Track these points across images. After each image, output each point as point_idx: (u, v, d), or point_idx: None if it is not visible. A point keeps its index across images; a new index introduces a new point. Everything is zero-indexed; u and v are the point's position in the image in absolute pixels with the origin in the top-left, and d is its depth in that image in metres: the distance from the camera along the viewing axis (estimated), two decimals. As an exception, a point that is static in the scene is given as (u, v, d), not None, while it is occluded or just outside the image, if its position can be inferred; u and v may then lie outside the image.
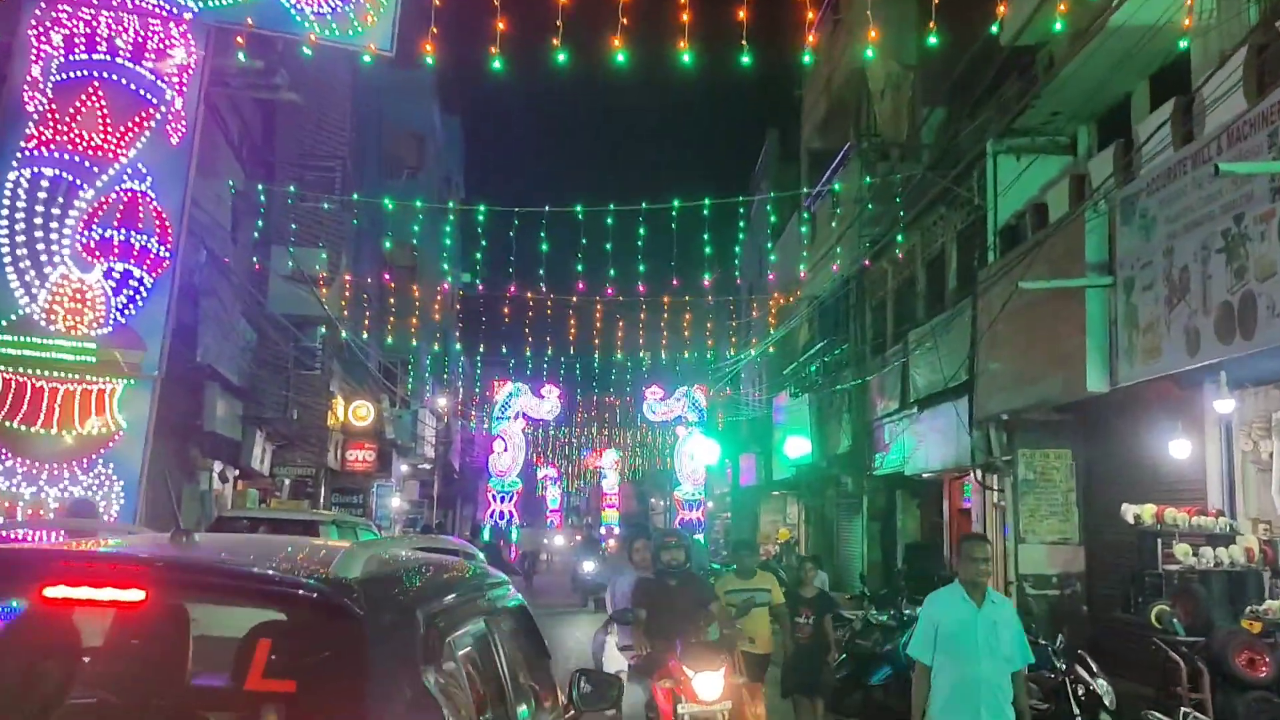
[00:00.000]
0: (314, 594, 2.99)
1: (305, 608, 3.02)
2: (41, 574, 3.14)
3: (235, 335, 19.63)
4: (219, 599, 3.39)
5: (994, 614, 6.20)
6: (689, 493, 42.26)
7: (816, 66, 27.57)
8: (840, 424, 23.15)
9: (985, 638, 6.11)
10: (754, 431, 34.76)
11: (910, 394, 18.46)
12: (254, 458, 20.72)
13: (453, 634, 3.37)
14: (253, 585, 3.19)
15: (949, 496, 19.72)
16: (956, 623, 6.17)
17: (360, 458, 26.97)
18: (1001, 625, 6.19)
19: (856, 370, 22.29)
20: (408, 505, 39.47)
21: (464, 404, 44.81)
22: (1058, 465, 14.50)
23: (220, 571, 3.33)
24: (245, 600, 3.27)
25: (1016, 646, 6.22)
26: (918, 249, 18.90)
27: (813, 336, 24.97)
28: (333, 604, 2.93)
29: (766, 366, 31.70)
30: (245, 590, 3.20)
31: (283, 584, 3.16)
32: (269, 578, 3.22)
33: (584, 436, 58.86)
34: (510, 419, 42.16)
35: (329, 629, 2.94)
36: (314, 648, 3.01)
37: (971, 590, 6.24)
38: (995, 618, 6.18)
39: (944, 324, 16.38)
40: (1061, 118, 14.46)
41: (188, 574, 3.27)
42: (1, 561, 3.46)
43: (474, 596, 3.75)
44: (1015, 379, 13.62)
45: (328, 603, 2.95)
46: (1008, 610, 6.44)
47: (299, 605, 3.05)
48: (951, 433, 16.19)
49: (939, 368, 16.60)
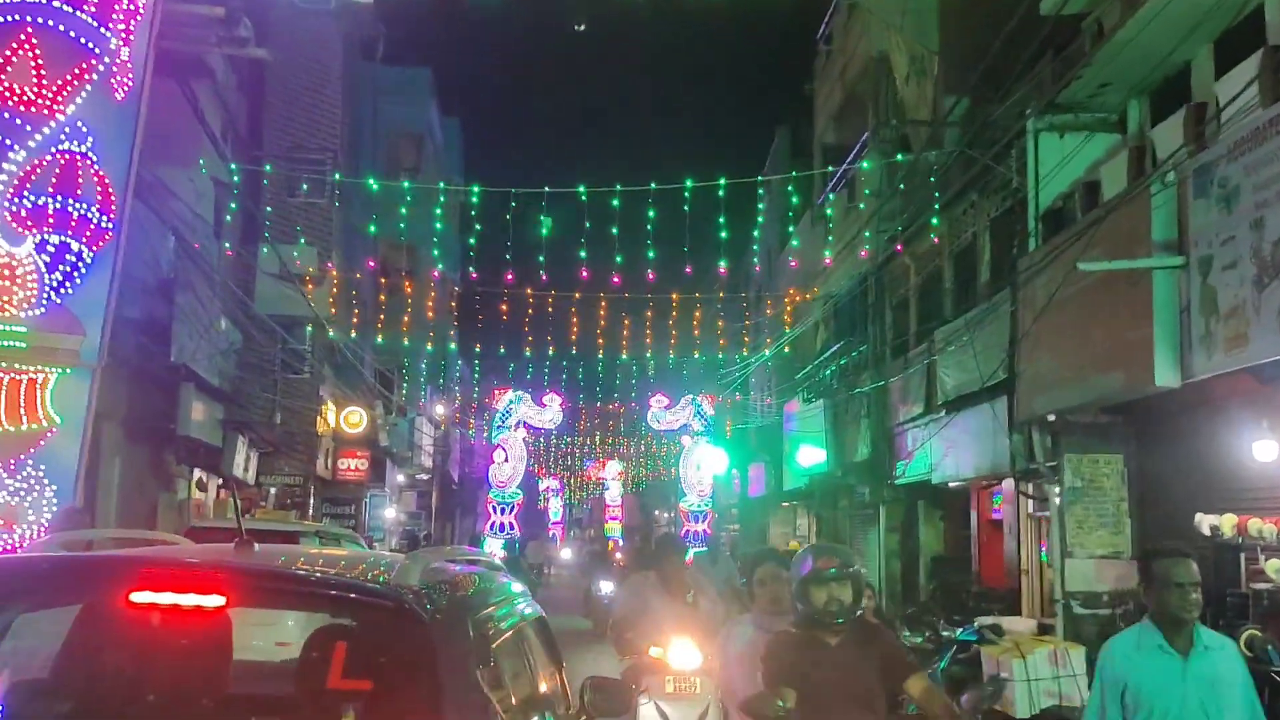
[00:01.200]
0: (389, 600, 3.21)
1: (379, 613, 3.23)
2: (128, 579, 3.31)
3: (216, 334, 18.38)
4: (293, 605, 3.82)
5: (1210, 666, 4.49)
6: (694, 504, 40.73)
7: (831, 57, 26.42)
8: (858, 430, 21.84)
9: (1200, 700, 4.44)
10: (763, 440, 33.46)
11: (937, 396, 17.16)
12: (236, 465, 19.46)
13: (497, 640, 3.56)
14: (329, 592, 3.43)
15: (977, 507, 18.41)
16: (1155, 683, 4.48)
17: (352, 466, 25.71)
18: (1223, 682, 4.48)
19: (876, 373, 21.00)
20: (404, 516, 38.21)
21: (462, 412, 43.52)
22: (1108, 471, 13.19)
23: (298, 579, 3.59)
24: (320, 605, 3.56)
25: (1247, 712, 4.50)
26: (945, 240, 17.63)
27: (829, 338, 23.69)
28: (405, 610, 3.14)
29: (776, 373, 30.41)
30: (322, 596, 3.46)
31: (359, 590, 3.37)
32: (346, 584, 3.44)
33: (586, 447, 57.51)
34: (511, 428, 40.68)
35: (400, 633, 3.15)
36: (386, 650, 3.21)
37: (1174, 632, 4.50)
38: (1212, 671, 4.48)
39: (977, 319, 15.09)
40: (1111, 90, 13.18)
41: (267, 580, 3.49)
42: (89, 566, 3.73)
43: (509, 604, 3.99)
44: (1064, 376, 12.32)
45: (400, 609, 3.15)
46: (1229, 657, 4.62)
47: (373, 611, 3.27)
48: (986, 437, 14.89)
49: (972, 367, 15.30)
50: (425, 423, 36.32)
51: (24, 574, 3.58)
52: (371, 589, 3.38)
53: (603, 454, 61.68)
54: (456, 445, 42.80)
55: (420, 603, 3.18)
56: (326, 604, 3.50)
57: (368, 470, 25.91)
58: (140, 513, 16.80)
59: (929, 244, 18.58)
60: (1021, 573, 16.50)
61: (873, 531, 24.81)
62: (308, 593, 3.52)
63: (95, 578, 3.53)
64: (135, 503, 16.81)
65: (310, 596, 3.54)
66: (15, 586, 3.45)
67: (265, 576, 3.51)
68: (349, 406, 25.95)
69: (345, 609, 3.40)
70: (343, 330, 25.23)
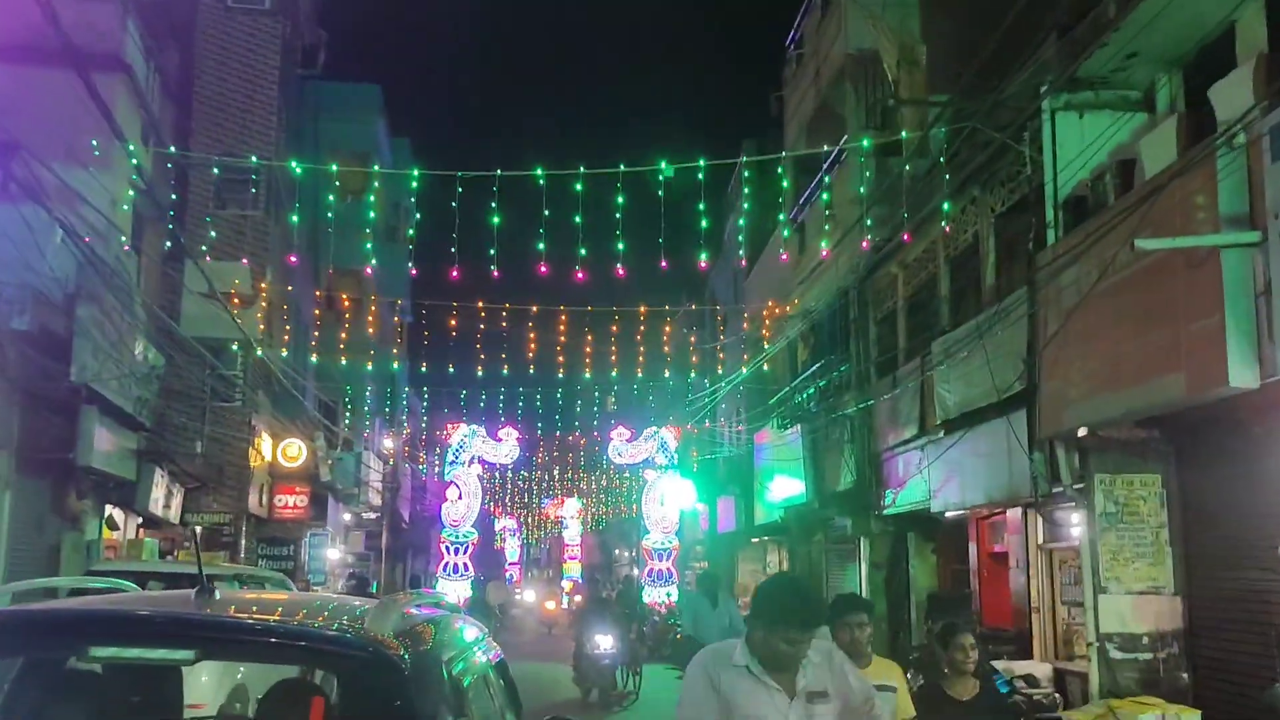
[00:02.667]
0: (366, 650, 3.11)
1: (355, 663, 3.12)
2: (90, 633, 3.16)
3: (129, 355, 16.38)
4: (266, 657, 3.57)
5: None
6: (658, 541, 38.76)
7: (802, 62, 24.95)
8: (840, 458, 20.14)
9: None
10: (733, 472, 31.72)
11: (935, 416, 15.52)
12: (154, 501, 17.41)
13: (468, 685, 3.54)
14: (307, 643, 3.28)
15: (978, 539, 16.73)
16: None
17: (291, 503, 23.66)
18: None
19: (860, 395, 19.33)
20: (352, 558, 36.03)
21: (412, 446, 41.43)
22: (1144, 494, 11.55)
23: (273, 630, 3.38)
24: (296, 657, 3.47)
25: None
26: (939, 244, 16.04)
27: (806, 358, 22.00)
28: (381, 659, 3.06)
29: (746, 399, 28.68)
30: (298, 648, 3.31)
31: (335, 642, 3.25)
32: (323, 635, 3.31)
33: (545, 483, 55.51)
34: (465, 464, 38.58)
35: (377, 681, 3.04)
36: (365, 702, 3.07)
37: None
38: None
39: (984, 326, 13.46)
40: (1138, 63, 11.66)
41: (240, 633, 3.35)
42: (47, 621, 3.37)
43: (475, 649, 3.92)
44: (1099, 384, 10.67)
45: (377, 658, 3.07)
46: None
47: (349, 660, 3.15)
48: (999, 457, 13.22)
49: (979, 380, 13.67)
50: (373, 458, 34.22)
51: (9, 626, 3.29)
52: (348, 640, 3.24)
53: (561, 491, 59.70)
54: (407, 481, 40.66)
55: (397, 652, 3.11)
56: (301, 655, 3.42)
57: (308, 507, 23.85)
58: (39, 555, 14.74)
59: (920, 250, 17.01)
60: (1032, 611, 14.82)
61: (852, 568, 23.07)
62: (285, 645, 3.32)
63: (53, 632, 3.24)
64: (33, 543, 14.76)
65: (284, 648, 3.34)
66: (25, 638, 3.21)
67: (240, 630, 3.38)
68: (287, 439, 23.90)
69: (324, 660, 3.32)
70: (278, 355, 23.26)
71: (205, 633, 3.21)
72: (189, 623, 3.23)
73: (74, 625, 3.27)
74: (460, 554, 38.29)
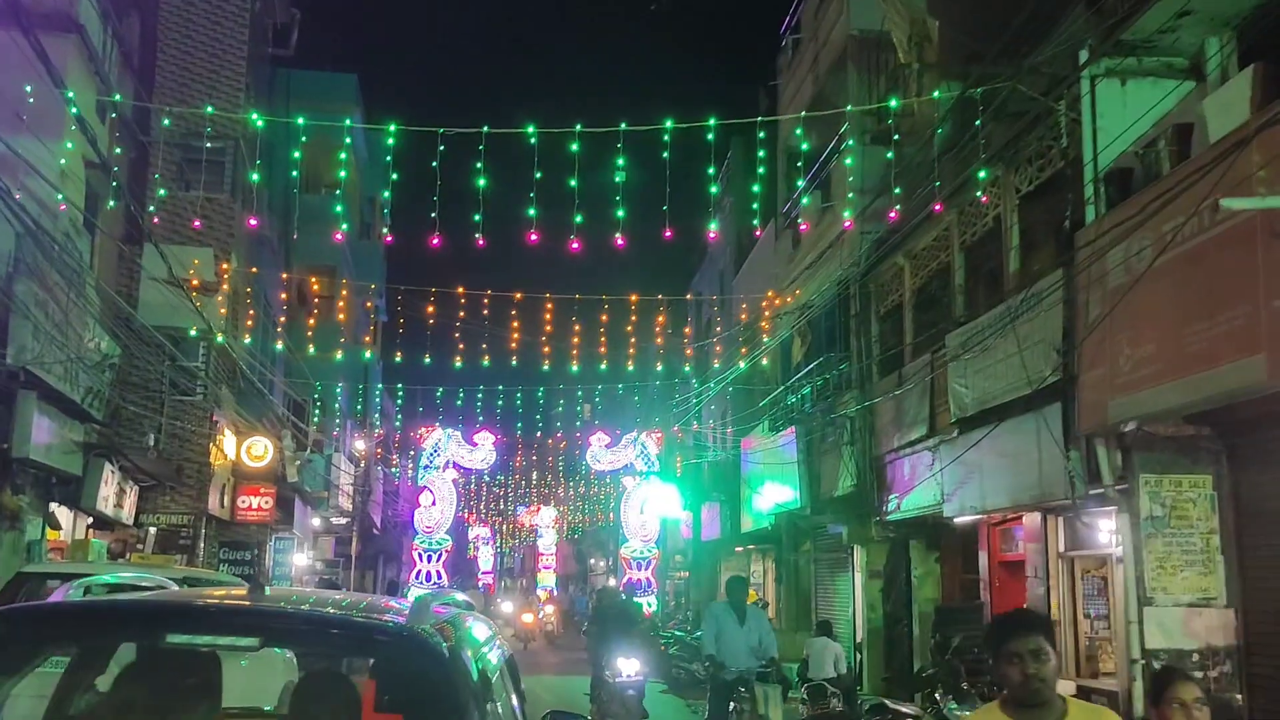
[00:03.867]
0: (410, 639, 3.36)
1: (400, 650, 3.36)
2: (164, 623, 3.51)
3: (79, 341, 15.09)
4: (320, 644, 3.87)
5: None
6: (637, 550, 37.60)
7: (800, 48, 23.90)
8: (839, 461, 19.03)
9: None
10: (718, 478, 30.57)
11: (949, 414, 14.43)
12: (102, 499, 16.07)
13: (491, 676, 3.77)
14: (357, 632, 3.57)
15: (989, 546, 15.65)
16: None
17: (255, 505, 22.32)
18: None
19: (861, 394, 18.23)
20: (321, 564, 34.68)
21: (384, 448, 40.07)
22: (1193, 496, 10.48)
23: (330, 621, 3.70)
24: (347, 645, 3.76)
25: None
26: (953, 230, 14.96)
27: (801, 358, 20.88)
28: (424, 647, 3.30)
29: (733, 402, 27.55)
30: (349, 637, 3.61)
31: (382, 631, 3.54)
32: (372, 625, 3.61)
33: (519, 490, 54.24)
34: (439, 469, 37.39)
35: (420, 667, 3.30)
36: (408, 683, 3.33)
37: None
38: None
39: (1015, 312, 12.37)
40: (1189, 23, 10.60)
41: (298, 623, 3.65)
42: (127, 611, 3.66)
43: (491, 644, 4.15)
44: (1154, 371, 9.58)
45: (421, 646, 3.30)
46: None
47: (395, 648, 3.39)
48: (1028, 456, 12.12)
49: (1001, 374, 12.58)
50: (344, 460, 32.88)
51: (57, 618, 3.62)
52: (394, 629, 3.48)
53: (537, 499, 58.44)
54: (379, 486, 39.30)
55: (436, 642, 3.33)
56: (351, 643, 3.68)
57: (273, 510, 22.50)
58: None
59: (930, 239, 15.94)
60: (1052, 624, 13.74)
61: (844, 578, 21.98)
62: (336, 633, 3.63)
63: (131, 621, 3.55)
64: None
65: (337, 637, 3.65)
66: (48, 631, 3.47)
67: (298, 619, 3.65)
68: (253, 437, 22.58)
69: (368, 648, 3.57)
70: (243, 347, 21.97)
71: (268, 622, 3.50)
72: (253, 613, 3.51)
73: (155, 615, 3.59)
74: (433, 562, 37.08)
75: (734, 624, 10.75)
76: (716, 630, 10.87)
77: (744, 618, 10.84)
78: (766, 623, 11.05)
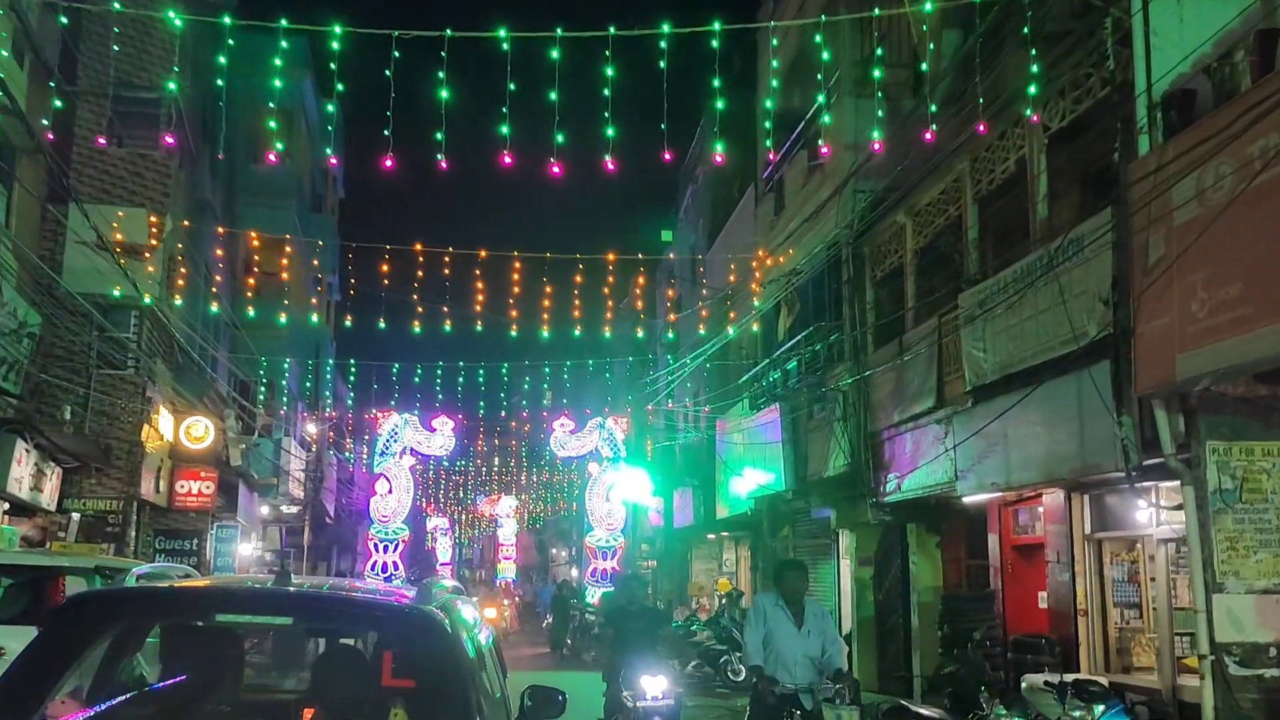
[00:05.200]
0: (420, 617, 3.98)
1: (412, 626, 3.97)
2: (213, 604, 4.22)
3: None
4: (343, 622, 4.61)
5: None
6: (602, 539, 36.02)
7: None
8: (830, 439, 17.60)
9: None
10: (691, 462, 29.10)
11: (963, 382, 13.03)
12: (14, 480, 14.34)
13: (483, 647, 4.55)
14: (376, 612, 4.33)
15: (1000, 529, 14.29)
16: None
17: (194, 491, 20.59)
18: None
19: (855, 366, 16.80)
20: (271, 555, 32.87)
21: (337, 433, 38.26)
22: (1268, 466, 9.13)
23: (352, 602, 4.48)
24: (367, 622, 4.50)
25: None
26: (965, 181, 13.54)
27: (789, 328, 19.40)
28: (432, 623, 3.92)
29: (707, 382, 26.06)
30: (368, 616, 4.37)
31: (396, 610, 4.21)
32: (388, 605, 4.33)
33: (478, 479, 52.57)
34: (396, 455, 35.58)
35: (428, 641, 3.90)
36: (418, 654, 3.96)
37: None
38: None
39: (1039, 267, 10.97)
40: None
41: (324, 604, 4.44)
42: (183, 596, 4.43)
43: (480, 624, 4.84)
44: (1232, 320, 8.18)
45: (429, 623, 3.92)
46: None
47: (407, 625, 4.01)
48: (1066, 424, 10.71)
49: (1033, 332, 11.18)
50: (294, 445, 31.11)
51: (161, 598, 4.48)
52: (406, 609, 4.09)
53: (498, 487, 56.79)
54: (332, 473, 37.50)
55: (442, 619, 3.94)
56: (370, 621, 4.43)
57: (214, 495, 20.77)
58: None
59: (936, 194, 14.51)
60: (1078, 614, 12.40)
61: (828, 565, 20.58)
62: (357, 613, 4.38)
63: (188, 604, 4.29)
64: None
65: (359, 616, 4.40)
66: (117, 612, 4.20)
67: (325, 601, 4.47)
68: (192, 417, 20.83)
69: (384, 625, 4.21)
70: (180, 318, 20.24)
71: (301, 603, 4.27)
72: (289, 596, 4.19)
73: (205, 598, 4.33)
74: (390, 552, 35.26)
75: (788, 625, 7.89)
76: (766, 632, 7.98)
77: (803, 617, 7.98)
78: (832, 625, 8.10)
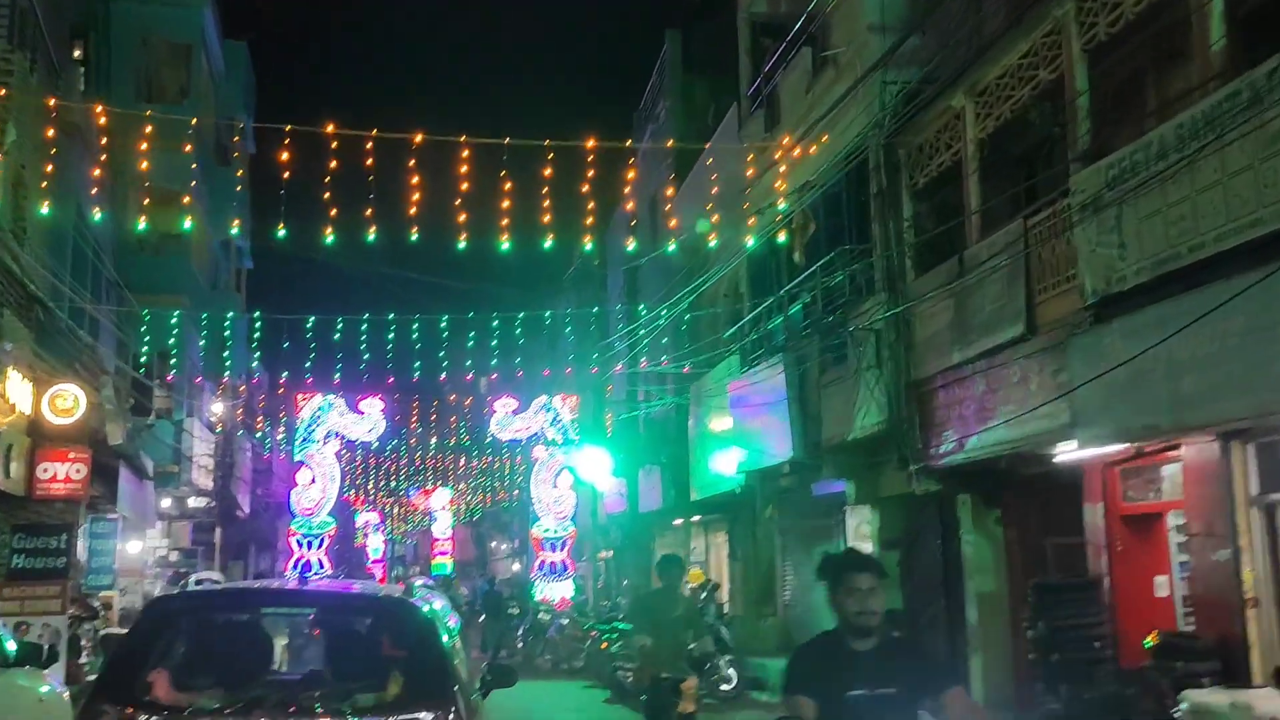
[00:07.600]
0: (405, 606, 5.99)
1: (399, 614, 5.90)
2: (262, 601, 6.50)
3: None
4: (349, 613, 6.44)
5: None
6: (551, 529, 32.30)
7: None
8: (856, 393, 14.13)
9: None
10: (657, 437, 25.57)
11: (1073, 298, 9.65)
12: None
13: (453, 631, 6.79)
14: (373, 603, 6.42)
15: (1105, 496, 10.94)
16: None
17: (60, 476, 16.57)
18: None
19: (893, 298, 13.37)
20: (177, 554, 28.81)
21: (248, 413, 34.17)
22: None
23: (356, 596, 6.76)
24: (368, 611, 6.33)
25: None
26: (1069, 28, 10.12)
27: (795, 265, 15.85)
28: (415, 611, 5.82)
29: (682, 340, 22.53)
30: (369, 607, 6.37)
31: (387, 601, 6.33)
32: (381, 598, 6.50)
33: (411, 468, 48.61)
34: (320, 442, 31.50)
35: (413, 626, 5.70)
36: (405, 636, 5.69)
37: None
38: None
39: (1217, 114, 7.55)
40: None
41: (334, 599, 6.66)
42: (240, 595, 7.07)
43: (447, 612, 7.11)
44: None
45: (412, 611, 5.84)
46: None
47: (395, 613, 5.97)
48: (1263, 340, 7.32)
49: (1227, 201, 7.78)
50: (199, 427, 27.07)
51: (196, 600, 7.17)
52: (394, 600, 6.28)
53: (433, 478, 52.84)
54: (246, 460, 33.42)
55: (422, 607, 5.92)
56: (370, 611, 6.32)
57: (86, 480, 16.76)
58: None
59: (1017, 57, 11.07)
60: (1245, 605, 9.11)
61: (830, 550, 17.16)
62: (359, 605, 6.49)
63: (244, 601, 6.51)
64: None
65: (361, 607, 6.42)
66: (217, 604, 6.66)
67: (337, 596, 6.86)
68: (58, 385, 16.80)
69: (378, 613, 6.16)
70: (43, 264, 16.31)
71: (318, 599, 6.66)
72: (309, 594, 6.78)
73: (256, 597, 6.62)
74: (314, 549, 31.11)
75: None
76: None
77: None
78: None
